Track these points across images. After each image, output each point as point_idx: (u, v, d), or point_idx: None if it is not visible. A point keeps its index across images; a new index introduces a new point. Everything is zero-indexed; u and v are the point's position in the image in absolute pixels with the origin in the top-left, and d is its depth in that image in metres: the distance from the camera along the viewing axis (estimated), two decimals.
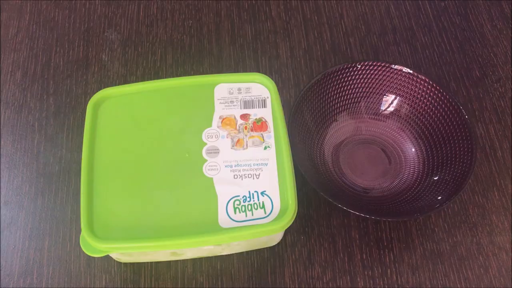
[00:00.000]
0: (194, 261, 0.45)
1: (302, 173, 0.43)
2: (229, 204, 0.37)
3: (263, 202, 0.38)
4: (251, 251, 0.45)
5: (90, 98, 0.41)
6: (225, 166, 0.39)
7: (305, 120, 0.48)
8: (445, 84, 0.56)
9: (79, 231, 0.45)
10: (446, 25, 0.60)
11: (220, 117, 0.41)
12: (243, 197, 0.38)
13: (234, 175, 0.39)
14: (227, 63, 0.56)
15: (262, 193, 0.38)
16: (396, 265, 0.45)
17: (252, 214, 0.37)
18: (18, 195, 0.48)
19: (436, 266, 0.45)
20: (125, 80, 0.55)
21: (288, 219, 0.37)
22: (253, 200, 0.38)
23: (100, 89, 0.42)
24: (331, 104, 0.50)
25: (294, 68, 0.56)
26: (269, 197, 0.38)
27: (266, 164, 0.39)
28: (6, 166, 0.49)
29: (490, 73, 0.57)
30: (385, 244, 0.46)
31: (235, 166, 0.39)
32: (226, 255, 0.45)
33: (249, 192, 0.38)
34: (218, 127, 0.41)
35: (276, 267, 0.45)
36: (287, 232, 0.46)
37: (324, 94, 0.50)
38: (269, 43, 0.58)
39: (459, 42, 0.59)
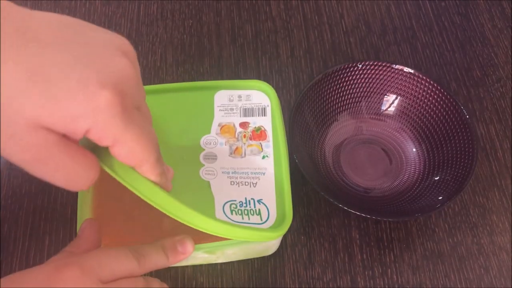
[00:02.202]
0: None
1: (303, 173, 0.43)
2: (225, 206, 0.37)
3: (259, 210, 0.37)
4: None
5: None
6: (222, 172, 0.39)
7: (306, 120, 0.48)
8: (446, 84, 0.56)
9: None
10: (447, 25, 0.60)
11: (219, 125, 0.41)
12: (239, 202, 0.37)
13: (231, 181, 0.38)
14: (227, 62, 0.56)
15: (259, 201, 0.38)
16: (396, 265, 0.45)
17: (249, 219, 0.37)
18: (18, 195, 0.48)
19: (436, 266, 0.45)
20: None
21: (284, 230, 0.36)
22: (250, 206, 0.37)
23: None
24: (331, 104, 0.50)
25: (295, 68, 0.56)
26: (266, 206, 0.37)
27: (264, 174, 0.39)
28: (6, 166, 0.49)
29: (491, 73, 0.57)
30: (386, 244, 0.46)
31: (232, 173, 0.39)
32: None
33: (246, 198, 0.38)
34: (216, 134, 0.41)
35: (276, 267, 0.45)
36: (287, 232, 0.46)
37: (325, 94, 0.50)
38: (269, 43, 0.58)
39: (460, 41, 0.59)
